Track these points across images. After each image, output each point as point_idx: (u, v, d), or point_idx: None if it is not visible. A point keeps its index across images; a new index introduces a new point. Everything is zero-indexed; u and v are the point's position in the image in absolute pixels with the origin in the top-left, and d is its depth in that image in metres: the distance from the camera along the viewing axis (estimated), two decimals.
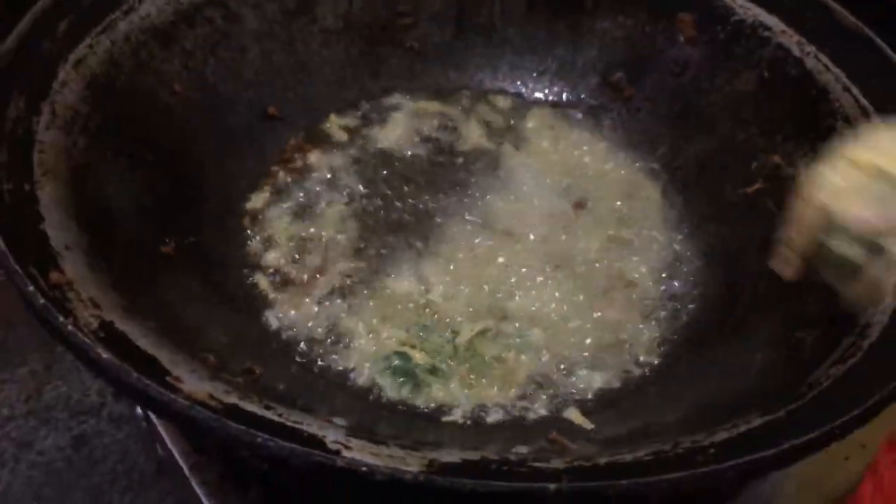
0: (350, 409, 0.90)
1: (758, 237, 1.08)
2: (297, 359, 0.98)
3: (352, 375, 0.97)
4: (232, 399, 0.69)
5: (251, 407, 0.69)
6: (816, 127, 1.08)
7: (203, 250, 1.04)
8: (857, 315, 0.84)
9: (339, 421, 0.72)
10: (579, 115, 1.31)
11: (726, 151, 1.18)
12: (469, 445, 0.76)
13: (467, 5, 1.34)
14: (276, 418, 0.68)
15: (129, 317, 0.77)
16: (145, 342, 0.74)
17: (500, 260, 1.10)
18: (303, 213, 1.15)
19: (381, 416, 0.90)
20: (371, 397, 0.95)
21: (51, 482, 1.04)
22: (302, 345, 0.99)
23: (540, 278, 1.08)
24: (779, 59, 1.15)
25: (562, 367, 0.99)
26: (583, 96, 1.33)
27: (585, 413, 0.93)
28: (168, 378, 0.70)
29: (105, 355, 0.69)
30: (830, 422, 0.69)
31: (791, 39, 1.14)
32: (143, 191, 1.02)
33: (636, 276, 1.10)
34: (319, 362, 0.98)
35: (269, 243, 1.10)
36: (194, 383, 0.70)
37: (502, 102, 1.33)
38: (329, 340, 1.00)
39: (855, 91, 1.06)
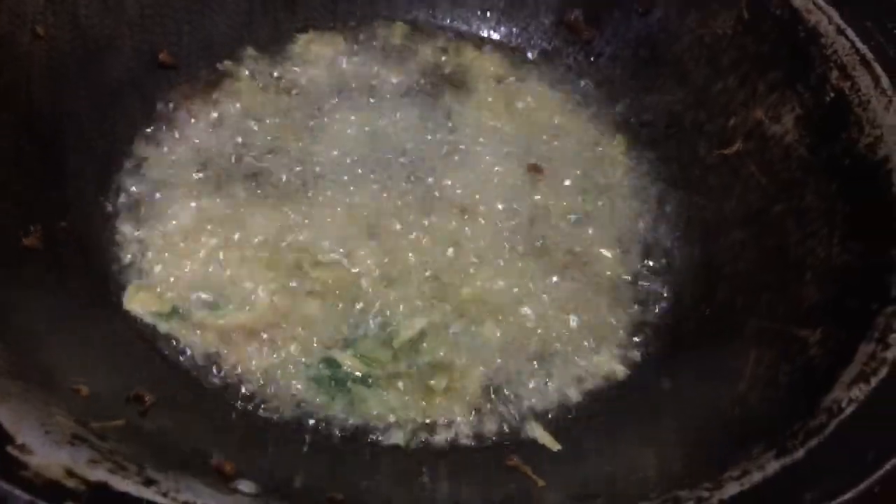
0: (259, 445, 0.73)
1: (740, 207, 0.95)
2: (193, 374, 0.80)
3: (266, 391, 0.80)
4: (100, 473, 0.52)
5: (126, 484, 0.52)
6: (805, 76, 0.93)
7: (75, 238, 0.84)
8: (870, 310, 0.71)
9: (245, 486, 0.55)
10: (531, 61, 1.14)
11: (700, 105, 1.03)
12: (409, 481, 0.61)
13: None
14: (159, 501, 0.51)
15: None
16: None
17: (445, 238, 0.93)
18: (200, 183, 0.95)
19: (301, 460, 0.73)
20: (289, 424, 0.78)
21: None
22: (198, 358, 0.81)
23: (493, 259, 0.92)
24: None
25: (520, 371, 0.84)
26: (535, 39, 1.15)
27: (549, 429, 0.79)
28: (10, 449, 0.51)
29: None
30: (862, 465, 0.56)
31: None
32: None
33: (600, 253, 0.95)
34: (218, 379, 0.80)
35: (155, 226, 0.90)
36: (48, 452, 0.52)
37: (441, 44, 1.14)
38: (230, 348, 0.82)
39: (851, 34, 0.91)
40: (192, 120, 1.01)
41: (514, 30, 1.16)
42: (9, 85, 0.86)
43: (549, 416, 0.81)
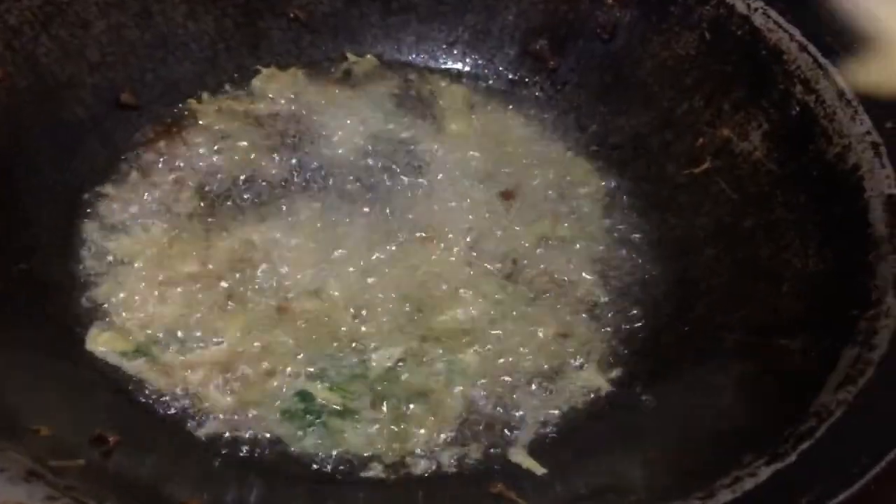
0: (231, 483, 0.69)
1: (711, 223, 0.94)
2: (160, 413, 0.76)
3: (238, 429, 0.76)
4: None
5: None
6: (769, 92, 0.94)
7: (36, 280, 0.82)
8: (851, 317, 0.70)
9: None
10: (499, 91, 1.14)
11: (667, 126, 1.04)
12: None
13: None
14: None
15: None
16: None
17: (420, 266, 0.91)
18: (164, 220, 0.92)
19: (277, 498, 0.70)
20: (263, 460, 0.75)
21: None
22: (166, 398, 0.78)
23: (467, 287, 0.90)
24: (721, 17, 1.00)
25: (500, 398, 0.82)
26: (501, 69, 1.16)
27: (533, 452, 0.76)
28: None
29: None
30: (856, 465, 0.54)
31: None
32: None
33: (575, 277, 0.94)
34: (187, 417, 0.77)
35: (119, 264, 0.88)
36: (2, 489, 0.49)
37: (409, 77, 1.14)
38: (199, 386, 0.79)
39: (812, 49, 0.92)
40: (157, 159, 0.99)
41: (480, 61, 1.16)
42: None
43: (532, 438, 0.78)
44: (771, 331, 0.77)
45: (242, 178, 0.98)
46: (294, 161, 1.00)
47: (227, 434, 0.76)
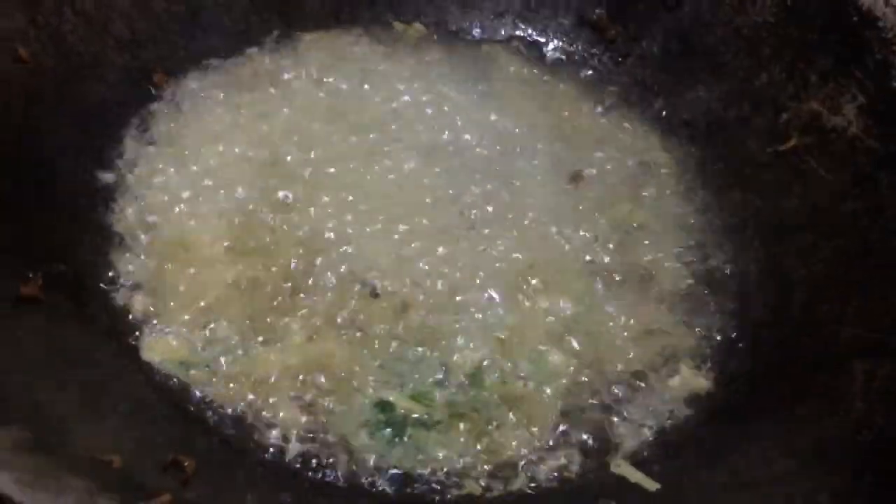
0: None
1: (803, 207, 0.87)
2: (227, 432, 0.69)
3: (313, 446, 0.69)
4: None
5: None
6: (863, 62, 0.87)
7: (77, 283, 0.74)
8: None
9: None
10: (555, 64, 1.06)
11: (744, 100, 0.96)
12: None
13: None
14: None
15: None
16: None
17: (493, 254, 0.84)
18: (212, 204, 0.84)
19: None
20: (343, 480, 0.67)
21: None
22: (230, 413, 0.70)
23: (543, 278, 0.83)
24: None
25: (594, 400, 0.75)
26: (556, 40, 1.08)
27: (638, 464, 0.70)
28: None
29: None
30: None
31: None
32: None
33: (658, 266, 0.87)
34: (256, 434, 0.69)
35: (166, 259, 0.79)
36: None
37: (459, 47, 1.05)
38: (265, 398, 0.71)
39: None
40: (195, 139, 0.90)
41: (533, 32, 1.08)
42: None
43: (635, 448, 0.72)
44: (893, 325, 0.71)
45: (295, 153, 0.89)
46: (354, 139, 0.91)
47: (301, 453, 0.69)
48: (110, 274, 0.78)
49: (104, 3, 0.90)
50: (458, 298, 0.79)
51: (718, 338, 0.81)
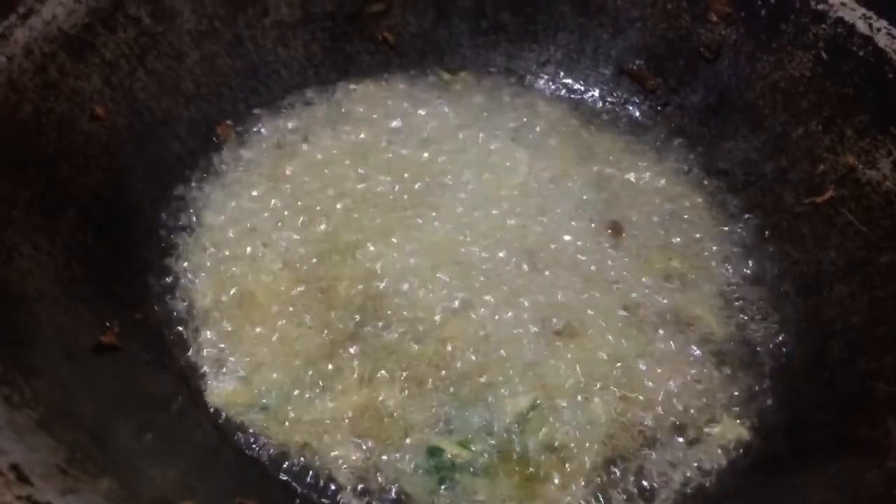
0: None
1: (840, 258, 0.90)
2: (288, 476, 0.74)
3: (368, 487, 0.74)
4: None
5: None
6: None
7: (151, 330, 0.79)
8: None
9: None
10: (595, 112, 1.10)
11: (780, 152, 0.99)
12: None
13: None
14: None
15: (73, 486, 0.52)
16: None
17: (536, 303, 0.88)
18: (274, 258, 0.89)
19: None
20: None
21: None
22: (292, 457, 0.75)
23: (585, 328, 0.86)
24: (840, 36, 0.95)
25: (636, 448, 0.78)
26: (596, 91, 1.12)
27: None
28: None
29: None
30: None
31: (854, 14, 0.95)
32: (67, 258, 0.76)
33: (696, 316, 0.90)
34: (314, 478, 0.74)
35: (231, 307, 0.85)
36: None
37: (503, 97, 1.10)
38: (323, 443, 0.76)
39: None
40: (256, 189, 0.96)
41: (575, 82, 1.12)
42: (71, 175, 0.81)
43: (675, 498, 0.75)
44: None
45: (353, 198, 0.95)
46: (406, 175, 0.97)
47: (355, 495, 0.73)
48: (179, 320, 0.84)
49: (173, 63, 0.96)
50: (502, 348, 0.83)
51: (756, 388, 0.84)
